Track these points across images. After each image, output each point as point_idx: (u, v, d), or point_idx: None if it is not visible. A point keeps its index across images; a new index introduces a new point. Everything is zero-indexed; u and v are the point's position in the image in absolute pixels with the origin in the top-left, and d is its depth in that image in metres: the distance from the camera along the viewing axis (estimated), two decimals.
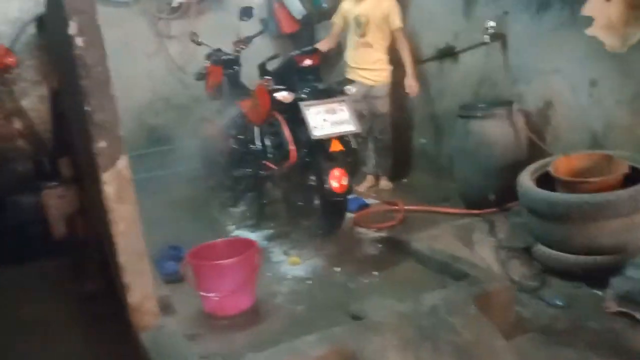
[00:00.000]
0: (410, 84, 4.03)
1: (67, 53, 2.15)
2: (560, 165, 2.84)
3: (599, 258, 2.55)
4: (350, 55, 4.20)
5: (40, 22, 4.05)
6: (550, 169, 2.81)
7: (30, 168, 4.13)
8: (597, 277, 2.52)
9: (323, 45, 4.22)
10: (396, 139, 4.49)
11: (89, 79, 1.88)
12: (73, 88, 2.22)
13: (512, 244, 2.96)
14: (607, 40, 2.74)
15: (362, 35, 4.06)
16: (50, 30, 3.68)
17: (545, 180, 2.82)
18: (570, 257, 2.63)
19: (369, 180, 4.31)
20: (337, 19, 4.27)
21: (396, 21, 4.00)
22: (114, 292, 2.53)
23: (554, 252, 2.71)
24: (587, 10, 2.77)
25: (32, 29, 4.11)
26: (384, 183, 4.34)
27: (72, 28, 1.83)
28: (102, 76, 1.90)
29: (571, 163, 2.87)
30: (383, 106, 4.17)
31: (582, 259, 2.59)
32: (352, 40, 4.16)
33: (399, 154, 4.65)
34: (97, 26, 1.87)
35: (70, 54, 1.91)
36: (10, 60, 3.94)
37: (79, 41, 1.85)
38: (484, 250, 2.98)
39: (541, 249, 2.79)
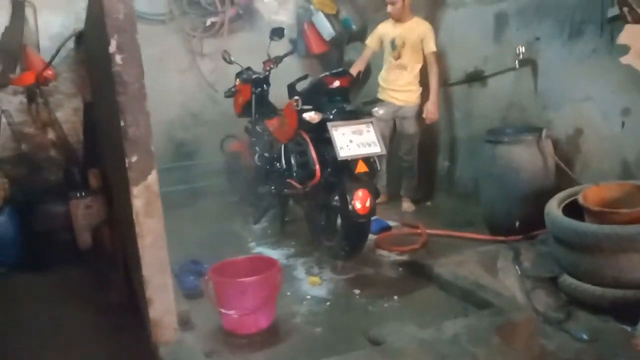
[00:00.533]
0: (430, 109, 4.07)
1: (104, 68, 2.22)
2: (589, 194, 2.77)
3: (628, 292, 2.47)
4: (383, 76, 4.28)
5: (80, 37, 4.21)
6: (580, 198, 2.75)
7: (60, 177, 4.26)
8: (626, 311, 2.43)
9: (354, 69, 4.27)
10: (421, 161, 4.47)
11: (126, 95, 1.93)
12: (108, 102, 2.29)
13: (538, 273, 2.89)
14: None
15: (397, 57, 4.13)
16: (88, 45, 3.82)
17: (574, 209, 2.76)
18: (598, 290, 2.55)
19: (382, 197, 4.28)
20: (371, 42, 4.34)
21: (431, 45, 4.06)
22: (135, 304, 2.56)
23: (581, 283, 2.63)
24: (622, 38, 2.73)
25: (71, 44, 4.28)
26: (407, 205, 4.32)
27: (112, 46, 1.90)
28: (138, 93, 1.95)
29: (601, 193, 2.80)
30: (411, 127, 4.20)
31: (610, 292, 2.51)
32: (387, 61, 4.24)
33: (423, 176, 4.63)
34: (136, 45, 1.93)
35: (108, 69, 1.97)
36: (48, 73, 4.10)
37: (118, 59, 1.91)
38: (508, 278, 2.92)
39: (568, 280, 2.71)
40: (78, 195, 3.69)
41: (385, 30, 4.22)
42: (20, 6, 4.15)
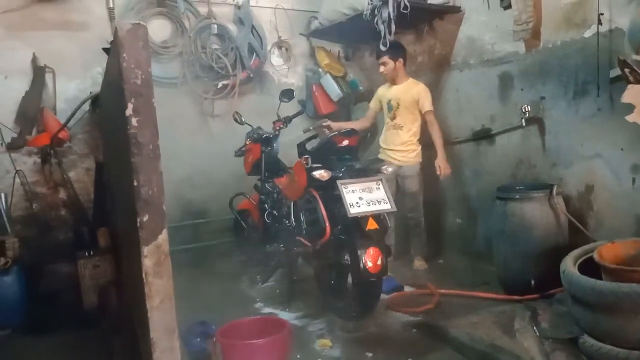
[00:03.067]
0: (440, 165, 4.10)
1: (118, 130, 2.27)
2: (605, 252, 2.72)
3: None
4: (382, 137, 4.38)
5: (95, 100, 4.34)
6: (595, 255, 2.69)
7: (70, 237, 4.26)
8: None
9: (357, 124, 4.37)
10: (432, 218, 4.45)
11: (140, 156, 1.96)
12: (121, 163, 2.32)
13: (557, 335, 2.79)
14: None
15: (393, 117, 4.24)
16: (103, 108, 3.93)
17: (589, 267, 2.69)
18: (622, 352, 2.45)
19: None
20: (373, 104, 4.49)
21: (426, 105, 4.14)
22: None
23: (602, 345, 2.53)
24: (626, 97, 2.78)
25: (86, 107, 4.41)
26: (420, 263, 4.26)
27: (129, 109, 1.94)
28: (152, 154, 1.98)
29: (616, 250, 2.75)
30: (413, 185, 4.22)
31: (635, 354, 2.40)
32: (385, 122, 4.36)
33: (434, 234, 4.59)
34: (152, 108, 1.98)
35: (123, 131, 2.01)
36: (63, 135, 4.20)
37: (134, 121, 1.95)
38: (526, 340, 2.81)
39: (589, 341, 2.61)
40: (86, 254, 3.67)
41: (383, 92, 4.37)
42: (40, 72, 4.32)
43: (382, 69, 4.23)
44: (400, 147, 4.22)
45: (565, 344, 2.73)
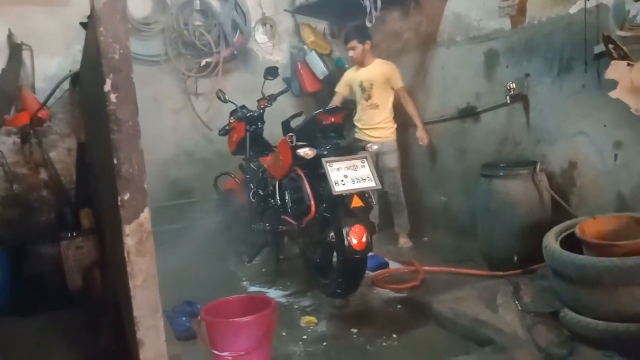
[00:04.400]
0: (421, 135, 4.26)
1: (99, 108, 2.22)
2: (586, 227, 2.76)
3: (632, 326, 2.42)
4: (358, 118, 4.46)
5: (75, 78, 4.24)
6: (577, 230, 2.73)
7: (52, 218, 4.20)
8: (631, 346, 2.38)
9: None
10: (417, 197, 4.46)
11: (120, 133, 1.92)
12: (102, 141, 2.28)
13: (538, 308, 2.84)
14: (631, 103, 2.73)
15: (368, 98, 4.31)
16: (83, 86, 3.85)
17: (571, 243, 2.73)
18: (601, 324, 2.50)
19: None
20: (340, 88, 4.53)
21: (398, 82, 4.28)
22: (126, 348, 2.47)
23: (582, 318, 2.58)
24: (610, 73, 2.79)
25: (66, 85, 4.32)
26: (404, 240, 4.33)
27: (107, 85, 1.90)
28: (132, 131, 1.94)
29: (598, 225, 2.79)
30: (391, 161, 4.32)
31: (613, 326, 2.46)
32: (359, 104, 4.42)
33: (420, 212, 4.62)
34: (131, 84, 1.93)
35: (103, 108, 1.97)
36: (43, 114, 4.11)
37: (112, 97, 1.91)
38: (509, 314, 2.86)
39: (569, 315, 2.66)
40: (69, 235, 3.63)
41: (352, 75, 4.43)
42: (17, 49, 4.21)
43: (351, 53, 4.31)
44: (378, 125, 4.32)
45: (546, 317, 2.78)
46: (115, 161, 1.92)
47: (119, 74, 1.91)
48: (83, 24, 2.77)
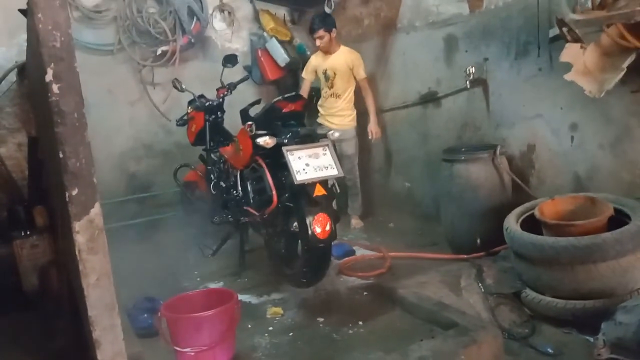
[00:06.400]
0: (373, 130, 4.35)
1: (44, 100, 2.11)
2: (545, 208, 2.81)
3: (588, 303, 2.49)
4: (321, 104, 4.54)
5: (22, 69, 4.04)
6: (536, 212, 2.78)
7: (4, 217, 4.01)
8: (588, 322, 2.45)
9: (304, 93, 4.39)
10: (380, 182, 4.47)
11: (64, 125, 1.82)
12: (49, 135, 2.17)
13: (501, 290, 2.89)
14: (585, 85, 2.78)
15: (331, 86, 4.38)
16: (30, 77, 3.66)
17: (531, 224, 2.79)
18: (560, 302, 2.56)
19: None
20: (306, 74, 4.56)
21: (361, 72, 4.32)
22: (84, 349, 2.39)
23: (543, 297, 2.65)
24: (564, 56, 2.83)
25: (13, 77, 4.10)
26: (356, 222, 4.51)
27: (49, 75, 1.79)
28: (77, 123, 1.84)
29: (556, 206, 2.85)
30: (349, 148, 4.42)
31: (571, 303, 2.53)
32: (322, 90, 4.48)
33: (383, 198, 4.64)
34: (75, 73, 1.83)
35: (47, 101, 1.86)
36: None
37: (55, 88, 1.80)
38: (472, 296, 2.90)
39: (530, 294, 2.72)
40: (23, 234, 3.47)
41: (318, 62, 4.47)
42: None
43: (318, 42, 4.31)
44: (338, 112, 4.40)
45: (508, 298, 2.84)
46: (61, 155, 1.82)
47: (61, 63, 1.80)
48: (22, 11, 2.61)
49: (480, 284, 2.95)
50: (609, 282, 2.46)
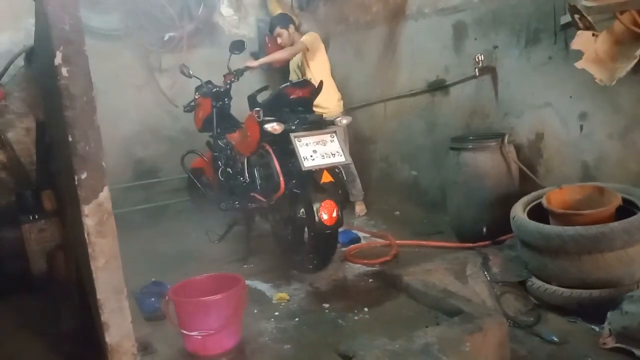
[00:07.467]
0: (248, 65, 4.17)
1: (53, 84, 2.11)
2: (552, 197, 2.81)
3: (594, 292, 2.49)
4: None
5: (30, 54, 4.04)
6: (543, 201, 2.77)
7: (12, 201, 4.04)
8: (593, 311, 2.46)
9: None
10: (387, 171, 4.45)
11: (73, 109, 1.82)
12: (58, 119, 2.17)
13: (506, 278, 2.89)
14: (596, 73, 2.75)
15: (303, 75, 4.35)
16: (38, 62, 3.66)
17: (538, 213, 2.78)
18: (566, 291, 2.57)
19: None
20: (292, 77, 4.57)
21: (304, 37, 4.27)
22: (92, 332, 2.42)
23: (548, 286, 2.65)
24: (575, 44, 2.79)
25: (21, 61, 4.10)
26: (360, 208, 4.48)
27: (58, 58, 1.79)
28: (86, 106, 1.84)
29: (564, 195, 2.84)
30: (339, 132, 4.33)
31: (577, 292, 2.53)
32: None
33: (390, 187, 4.63)
34: (84, 56, 1.83)
35: (57, 84, 1.86)
36: None
37: (64, 71, 1.81)
38: (477, 284, 2.91)
39: (536, 283, 2.72)
40: (31, 218, 3.50)
41: (292, 62, 4.51)
42: None
43: (279, 40, 4.32)
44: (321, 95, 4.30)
45: (514, 286, 2.84)
46: (70, 139, 1.83)
47: (70, 45, 1.80)
48: None
49: (485, 272, 2.96)
50: (616, 271, 2.46)
